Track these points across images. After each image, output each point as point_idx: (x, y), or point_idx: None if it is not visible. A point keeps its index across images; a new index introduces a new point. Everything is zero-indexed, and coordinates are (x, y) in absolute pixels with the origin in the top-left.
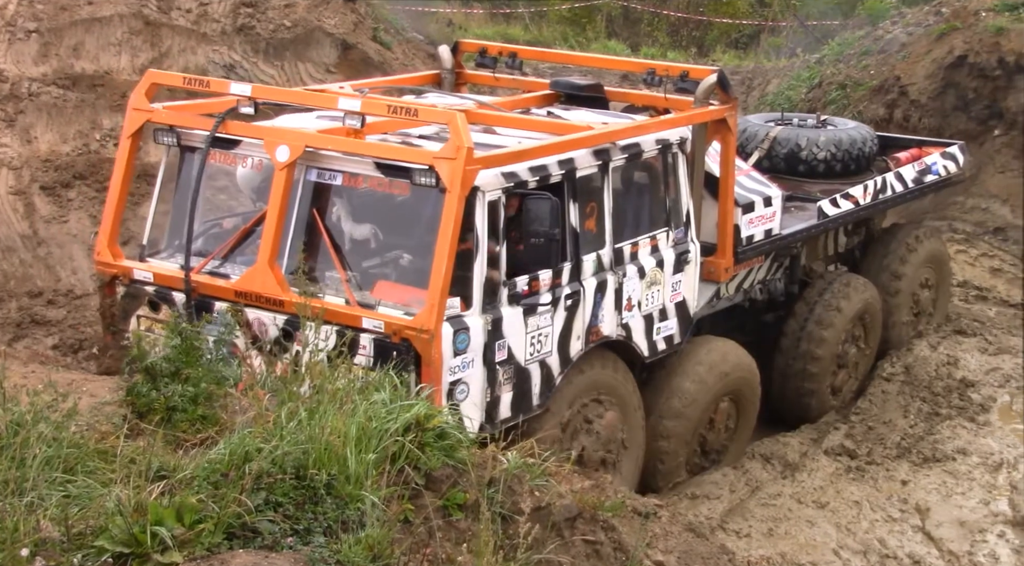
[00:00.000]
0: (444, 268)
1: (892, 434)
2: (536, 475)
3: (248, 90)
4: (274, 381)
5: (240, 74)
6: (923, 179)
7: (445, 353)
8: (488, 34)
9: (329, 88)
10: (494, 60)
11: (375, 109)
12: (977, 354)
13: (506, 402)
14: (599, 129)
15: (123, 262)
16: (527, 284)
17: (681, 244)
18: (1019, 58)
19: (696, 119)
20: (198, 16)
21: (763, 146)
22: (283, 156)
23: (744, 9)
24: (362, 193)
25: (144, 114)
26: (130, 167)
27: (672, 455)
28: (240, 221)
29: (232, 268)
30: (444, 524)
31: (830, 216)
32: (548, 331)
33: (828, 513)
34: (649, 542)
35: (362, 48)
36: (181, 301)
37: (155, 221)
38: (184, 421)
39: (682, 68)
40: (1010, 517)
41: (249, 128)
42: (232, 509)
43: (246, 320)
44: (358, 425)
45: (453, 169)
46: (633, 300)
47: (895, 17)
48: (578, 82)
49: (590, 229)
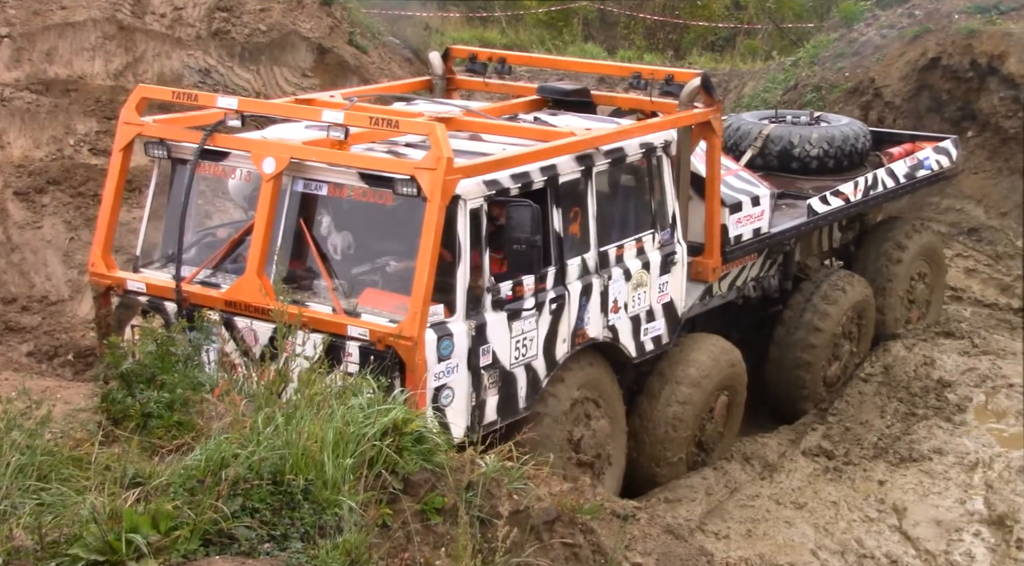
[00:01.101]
0: (426, 276)
1: (869, 434)
2: (515, 478)
3: (235, 103)
4: (251, 387)
5: (215, 79)
6: (915, 174)
7: (429, 359)
8: (465, 38)
9: (320, 97)
10: (484, 66)
11: (358, 121)
12: (955, 355)
13: (492, 406)
14: (581, 135)
15: (117, 273)
16: (511, 289)
17: (668, 246)
18: (991, 60)
19: (680, 122)
20: (172, 21)
21: (756, 144)
22: (269, 168)
23: (720, 12)
24: (347, 202)
25: (135, 128)
26: (122, 179)
27: (676, 444)
28: (232, 231)
29: (223, 278)
30: (422, 528)
31: (820, 214)
32: (533, 335)
33: (806, 514)
34: (628, 544)
35: (338, 52)
36: (173, 311)
37: (148, 232)
38: (160, 427)
39: (667, 72)
40: (986, 516)
41: (237, 141)
42: (208, 515)
43: (237, 329)
44: (335, 430)
45: (433, 179)
46: (619, 302)
47: (869, 19)
48: (565, 87)
49: (574, 233)
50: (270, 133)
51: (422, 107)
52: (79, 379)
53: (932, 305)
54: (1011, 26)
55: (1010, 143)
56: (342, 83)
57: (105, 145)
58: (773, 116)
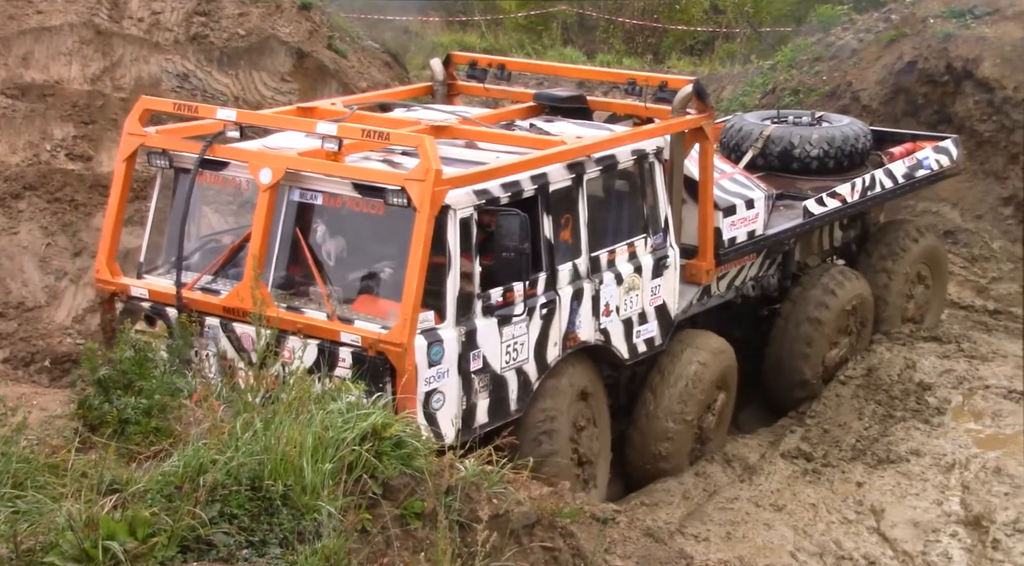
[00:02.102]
0: (415, 285)
1: (847, 437)
2: (494, 482)
3: (233, 115)
4: (229, 392)
5: (193, 83)
6: (914, 174)
7: (420, 364)
8: (445, 42)
9: (321, 105)
10: (484, 71)
11: (350, 133)
12: (933, 358)
13: (483, 409)
14: (572, 144)
15: (121, 279)
16: (501, 295)
17: (660, 250)
18: (966, 64)
19: (673, 129)
20: (150, 25)
21: (757, 145)
22: (266, 178)
23: (699, 16)
24: (342, 211)
25: (138, 138)
26: (126, 189)
27: (680, 439)
28: (233, 237)
29: (223, 284)
30: (402, 533)
31: (815, 215)
32: (524, 339)
33: (785, 516)
34: (607, 548)
35: (317, 56)
36: (174, 316)
37: (151, 239)
38: (137, 433)
39: (661, 79)
40: (962, 517)
41: (235, 151)
42: (186, 522)
43: (235, 334)
44: (314, 435)
45: (422, 190)
46: (611, 306)
47: (846, 23)
48: (560, 94)
49: (565, 240)
50: (271, 141)
51: (421, 114)
52: (56, 385)
53: (932, 308)
54: (985, 30)
55: (985, 146)
56: (321, 88)
57: (82, 150)
58: (775, 116)
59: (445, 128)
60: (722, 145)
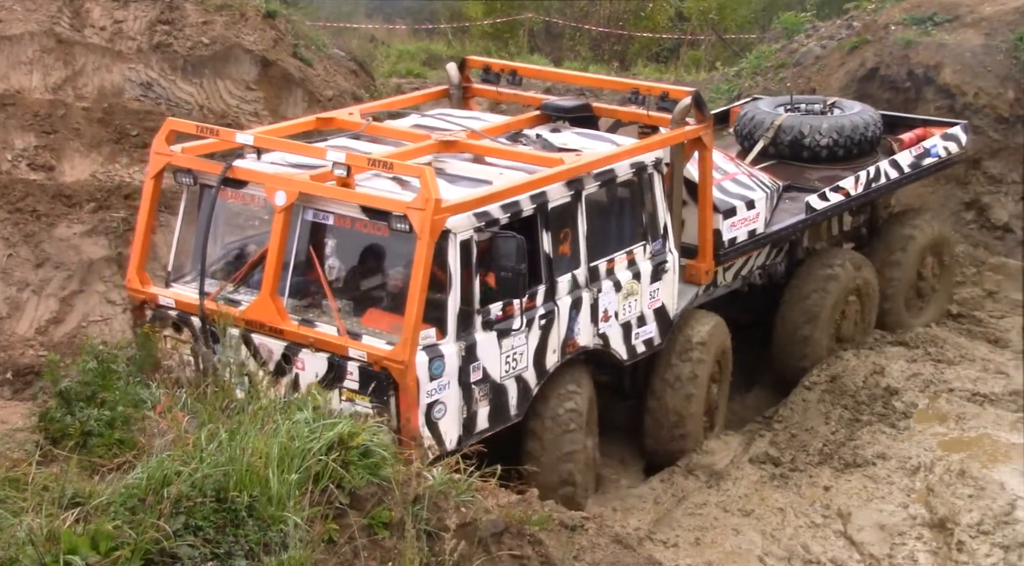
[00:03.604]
0: (416, 305)
1: (814, 441)
2: (462, 491)
3: (251, 139)
4: (194, 403)
5: (157, 92)
6: (920, 163)
7: (421, 378)
8: (411, 50)
9: (339, 114)
10: (497, 76)
11: (357, 161)
12: (902, 362)
13: (483, 415)
14: (570, 163)
15: (150, 289)
16: (500, 310)
17: (659, 255)
18: (927, 70)
19: (672, 140)
20: (112, 34)
21: (768, 134)
22: (281, 200)
23: (664, 23)
24: (352, 231)
25: (165, 157)
26: (154, 204)
27: (693, 414)
28: (256, 247)
29: (244, 294)
30: (369, 543)
31: (818, 210)
32: (523, 349)
33: (753, 520)
34: (576, 555)
35: (282, 65)
36: (198, 325)
37: (178, 250)
38: (100, 446)
39: (663, 89)
40: (927, 519)
41: (254, 173)
42: (150, 534)
43: (254, 344)
44: (280, 445)
45: (423, 219)
46: (610, 311)
47: (809, 30)
48: (566, 104)
49: (564, 253)
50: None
51: (432, 123)
52: (17, 398)
53: (938, 297)
54: (946, 37)
55: None
56: (287, 96)
57: (44, 160)
58: (788, 104)
59: (454, 143)
60: (736, 133)
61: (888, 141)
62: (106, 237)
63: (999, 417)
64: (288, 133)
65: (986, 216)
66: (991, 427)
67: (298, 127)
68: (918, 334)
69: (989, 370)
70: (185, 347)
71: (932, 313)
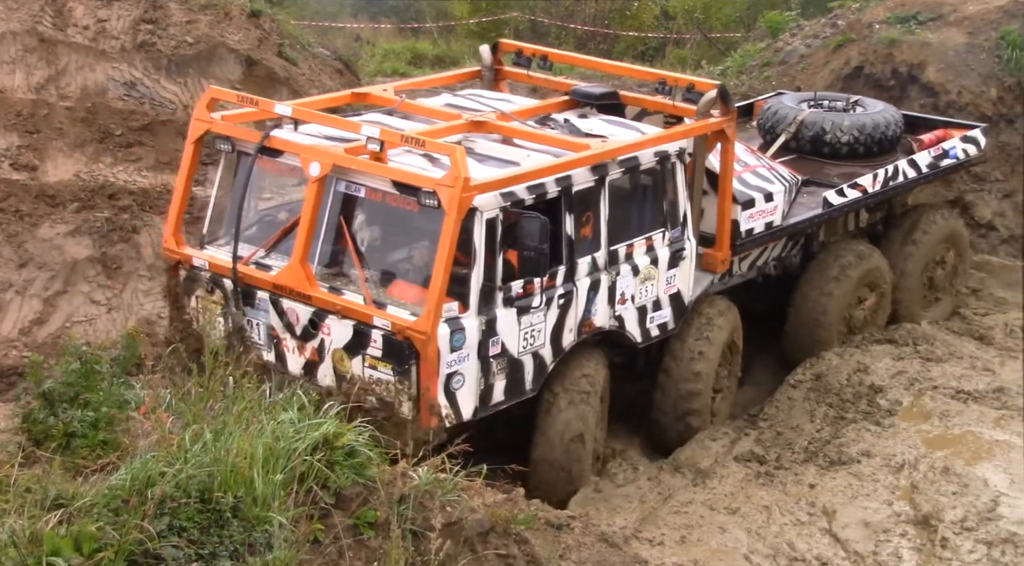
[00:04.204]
0: (440, 279)
1: (800, 439)
2: (448, 490)
3: (289, 110)
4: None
5: (141, 92)
6: (939, 164)
7: (442, 350)
8: (397, 49)
9: (374, 90)
10: (528, 60)
11: (391, 137)
12: (887, 360)
13: (499, 389)
14: (596, 148)
15: (185, 250)
16: (521, 287)
17: (677, 242)
18: (911, 69)
19: (696, 132)
20: (96, 33)
21: (790, 129)
22: (315, 171)
23: (649, 22)
24: (382, 204)
25: (205, 124)
26: (193, 168)
27: (702, 394)
28: (288, 214)
29: (275, 259)
30: (354, 543)
31: (835, 206)
32: (541, 327)
33: (739, 518)
34: (562, 554)
35: (267, 64)
36: (230, 288)
37: (213, 214)
38: (84, 447)
39: (689, 81)
40: (912, 516)
41: (289, 144)
42: (134, 536)
43: (282, 308)
44: (265, 445)
45: (451, 195)
46: (627, 295)
47: (794, 29)
48: (595, 91)
49: (585, 235)
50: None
51: (464, 103)
52: (0, 399)
53: (950, 291)
54: (929, 36)
55: None
56: (271, 95)
57: (27, 160)
58: (812, 100)
59: (483, 123)
60: (759, 126)
61: (908, 141)
62: (90, 237)
63: (982, 414)
64: (324, 106)
65: (970, 214)
66: (974, 424)
67: (333, 101)
68: (908, 331)
69: (976, 368)
70: (216, 308)
71: (944, 307)
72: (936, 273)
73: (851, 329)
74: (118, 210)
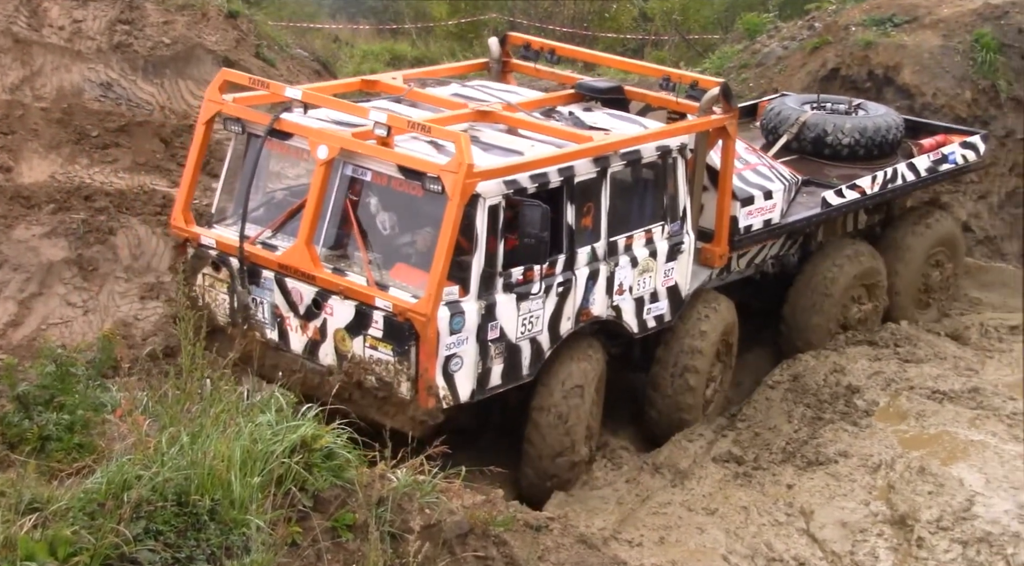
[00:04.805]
0: (442, 263)
1: (777, 439)
2: (426, 492)
3: (299, 94)
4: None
5: (118, 92)
6: (937, 168)
7: (442, 332)
8: (375, 50)
9: (383, 78)
10: (536, 53)
11: (398, 123)
12: (863, 361)
13: (497, 372)
14: (598, 141)
15: (193, 228)
16: (521, 274)
17: (676, 236)
18: (887, 71)
19: (698, 128)
20: (71, 33)
21: (792, 130)
22: (323, 154)
23: (628, 23)
24: (388, 188)
25: (216, 105)
26: (203, 148)
27: (696, 390)
28: (295, 196)
29: (282, 240)
30: (332, 546)
31: (833, 206)
32: (540, 314)
33: (717, 519)
34: (541, 555)
35: (245, 65)
36: (236, 266)
37: (222, 194)
38: (59, 450)
39: (692, 78)
40: (888, 516)
41: (298, 127)
42: (110, 540)
43: (287, 288)
44: (242, 448)
45: (455, 181)
46: (624, 285)
47: (771, 31)
48: (600, 85)
49: (586, 226)
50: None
51: (471, 93)
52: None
53: (945, 292)
54: (904, 38)
55: None
56: None
57: (2, 161)
58: (815, 102)
59: (489, 113)
60: (762, 126)
61: (909, 145)
62: (66, 239)
63: (958, 414)
64: (333, 91)
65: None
66: (950, 424)
67: (343, 87)
68: (890, 331)
69: (955, 368)
70: (222, 286)
71: (937, 309)
72: (932, 276)
73: (846, 329)
74: (94, 211)
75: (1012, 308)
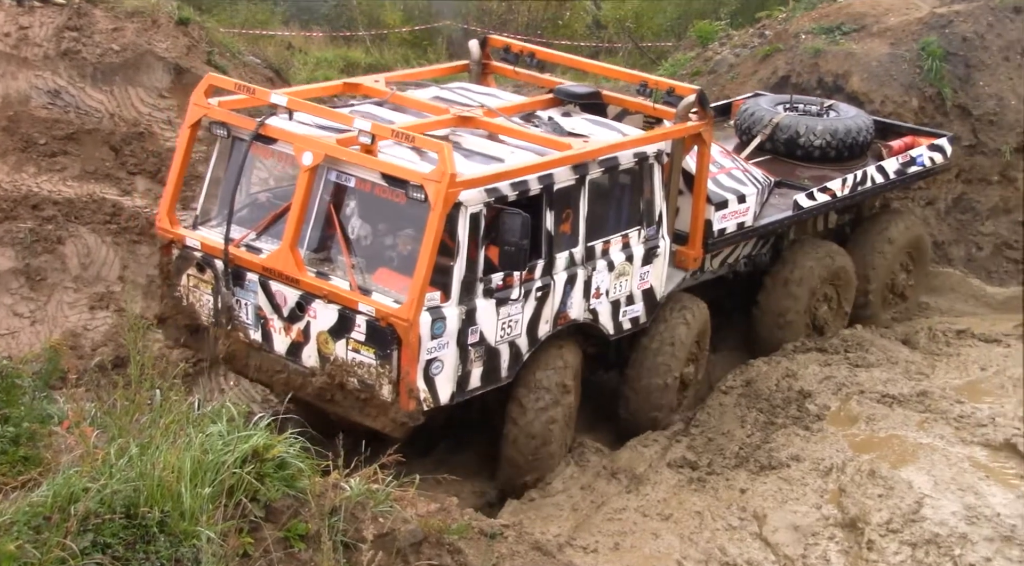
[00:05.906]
0: (424, 269)
1: (731, 444)
2: (380, 501)
3: (284, 100)
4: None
5: (66, 100)
6: (906, 171)
7: (423, 336)
8: (329, 57)
9: (365, 81)
10: (516, 56)
11: (381, 132)
12: (814, 366)
13: (477, 375)
14: (578, 149)
15: (178, 230)
16: (501, 280)
17: (652, 240)
18: (837, 78)
19: (674, 135)
20: (18, 40)
21: (765, 131)
22: (307, 160)
23: (582, 31)
24: (371, 195)
25: (202, 109)
26: (188, 152)
27: (669, 390)
28: (279, 199)
29: (266, 242)
30: (285, 556)
31: (804, 208)
32: (518, 318)
33: (672, 524)
34: (496, 563)
35: (196, 72)
36: (221, 268)
37: (207, 196)
38: (4, 463)
39: (669, 85)
40: (839, 519)
41: (284, 133)
42: (55, 554)
43: (271, 290)
44: (193, 459)
45: (437, 190)
46: (601, 289)
47: (723, 39)
48: (578, 91)
49: (564, 231)
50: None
51: (453, 97)
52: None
53: (912, 294)
54: (853, 46)
55: None
56: None
57: None
58: (788, 103)
59: (471, 119)
60: (736, 126)
61: (879, 146)
62: (13, 248)
63: (907, 417)
64: (317, 95)
65: None
66: (899, 427)
67: (326, 90)
68: (841, 336)
69: (909, 372)
70: (207, 287)
71: (904, 310)
72: (898, 276)
73: (816, 327)
74: (42, 220)
75: (959, 313)
